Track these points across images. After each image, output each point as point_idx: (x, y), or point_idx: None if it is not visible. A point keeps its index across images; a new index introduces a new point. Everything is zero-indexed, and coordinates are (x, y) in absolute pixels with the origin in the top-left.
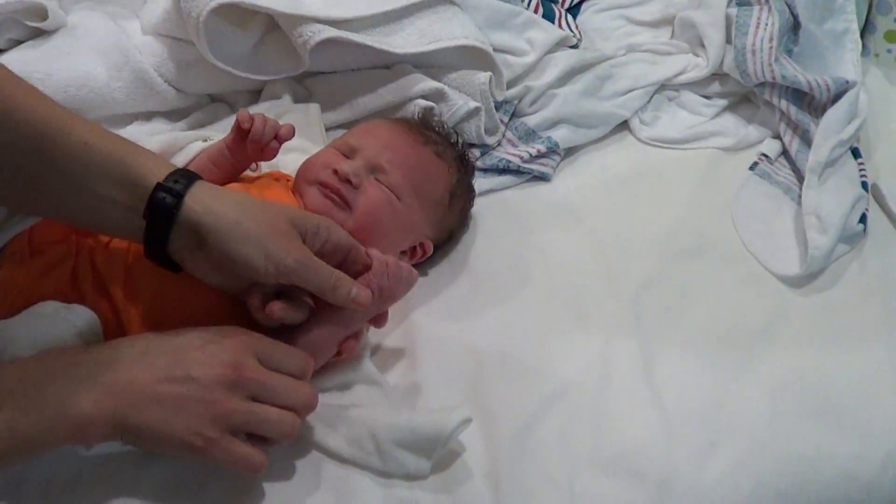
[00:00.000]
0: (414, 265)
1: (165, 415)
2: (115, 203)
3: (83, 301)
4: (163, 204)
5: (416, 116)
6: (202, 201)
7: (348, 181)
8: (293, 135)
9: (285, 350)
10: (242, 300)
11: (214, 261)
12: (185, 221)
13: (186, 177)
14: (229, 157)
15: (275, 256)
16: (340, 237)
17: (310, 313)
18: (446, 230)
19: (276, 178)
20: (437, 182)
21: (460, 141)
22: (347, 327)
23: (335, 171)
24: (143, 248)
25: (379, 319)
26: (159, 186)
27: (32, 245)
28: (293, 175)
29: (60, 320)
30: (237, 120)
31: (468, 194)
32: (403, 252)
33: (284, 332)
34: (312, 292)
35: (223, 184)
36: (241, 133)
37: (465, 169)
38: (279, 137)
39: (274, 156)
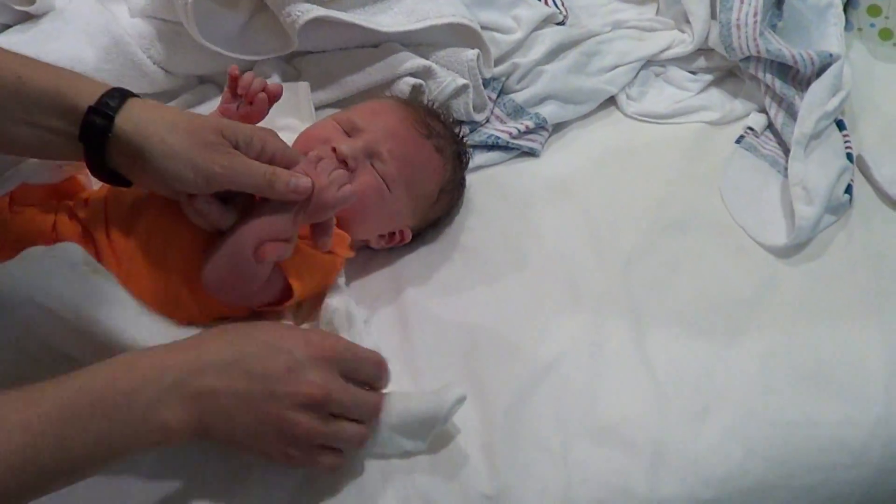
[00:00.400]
0: (392, 248)
1: (248, 431)
2: (55, 131)
3: None
4: (95, 126)
5: (415, 97)
6: (132, 120)
7: (345, 163)
8: (282, 92)
9: (364, 357)
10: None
11: (151, 176)
12: (118, 140)
13: (120, 96)
14: None
15: (201, 168)
16: (277, 149)
17: (238, 215)
18: (429, 220)
19: None
20: (430, 178)
21: (462, 134)
22: (273, 228)
23: (334, 150)
24: (117, 193)
25: (320, 234)
26: (91, 109)
27: (13, 208)
28: None
29: (51, 258)
30: (229, 72)
31: (458, 189)
32: (381, 236)
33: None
34: (252, 193)
35: None
36: (232, 84)
37: (460, 165)
38: (268, 91)
39: (263, 116)
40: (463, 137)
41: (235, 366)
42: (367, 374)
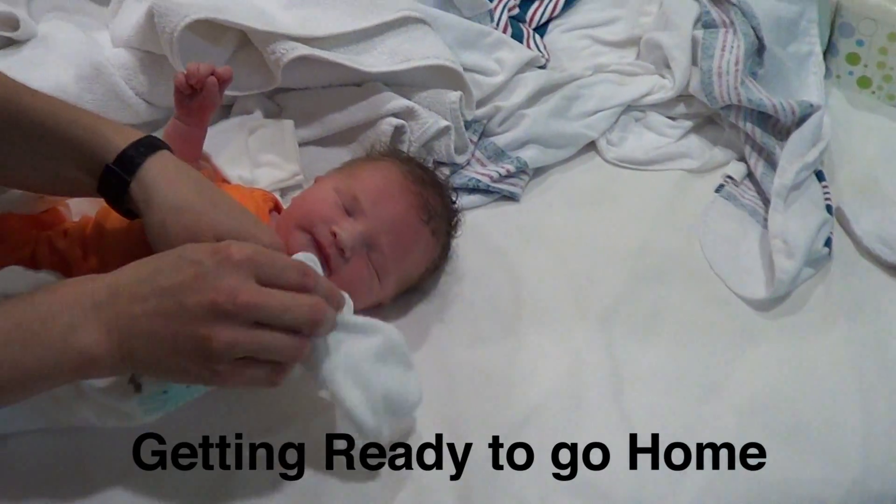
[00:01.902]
0: None
1: (167, 351)
2: (74, 180)
3: None
4: (111, 184)
5: (396, 146)
6: (146, 185)
7: (342, 251)
8: (231, 76)
9: (283, 263)
10: None
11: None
12: (131, 197)
13: (141, 152)
14: (181, 127)
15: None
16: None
17: None
18: (410, 288)
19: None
20: (421, 263)
21: (457, 213)
22: None
23: (334, 234)
24: (99, 229)
25: None
26: (108, 169)
27: None
28: (268, 189)
29: (23, 276)
30: (176, 83)
31: (444, 260)
32: None
33: None
34: None
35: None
36: (181, 90)
37: (450, 240)
38: (217, 74)
39: (217, 104)
40: (456, 207)
41: (148, 284)
42: (290, 280)
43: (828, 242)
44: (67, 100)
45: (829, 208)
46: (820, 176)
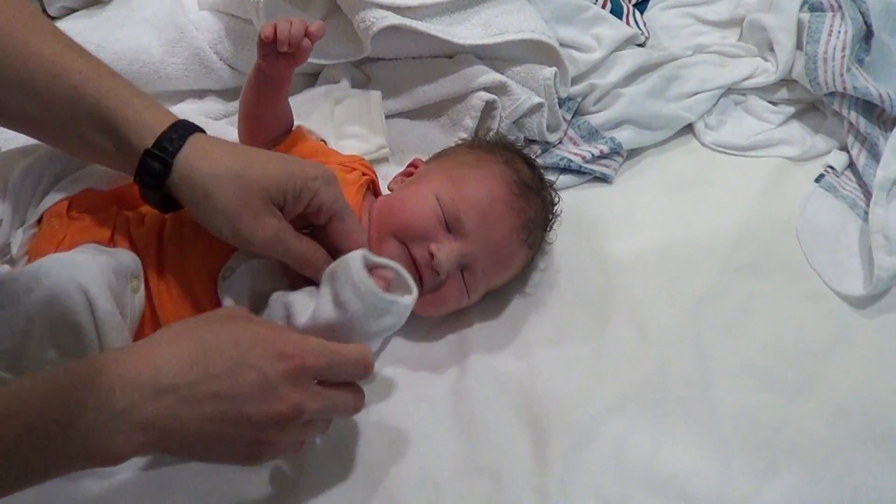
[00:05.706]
0: None
1: (213, 447)
2: (105, 150)
3: None
4: (151, 170)
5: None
6: (185, 167)
7: (436, 271)
8: (324, 32)
9: (344, 361)
10: None
11: (196, 217)
12: (171, 183)
13: (178, 136)
14: (265, 77)
15: (241, 233)
16: (323, 201)
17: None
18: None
19: (351, 168)
20: (513, 273)
21: (556, 217)
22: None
23: (431, 255)
24: (175, 223)
25: None
26: (147, 153)
27: (71, 213)
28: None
29: (100, 254)
30: (260, 37)
31: (532, 262)
32: None
33: None
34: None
35: (273, 106)
36: (267, 45)
37: (542, 247)
38: (310, 35)
39: (305, 58)
40: (556, 211)
41: (202, 386)
42: (350, 376)
43: None
44: (150, 62)
45: None
46: None
